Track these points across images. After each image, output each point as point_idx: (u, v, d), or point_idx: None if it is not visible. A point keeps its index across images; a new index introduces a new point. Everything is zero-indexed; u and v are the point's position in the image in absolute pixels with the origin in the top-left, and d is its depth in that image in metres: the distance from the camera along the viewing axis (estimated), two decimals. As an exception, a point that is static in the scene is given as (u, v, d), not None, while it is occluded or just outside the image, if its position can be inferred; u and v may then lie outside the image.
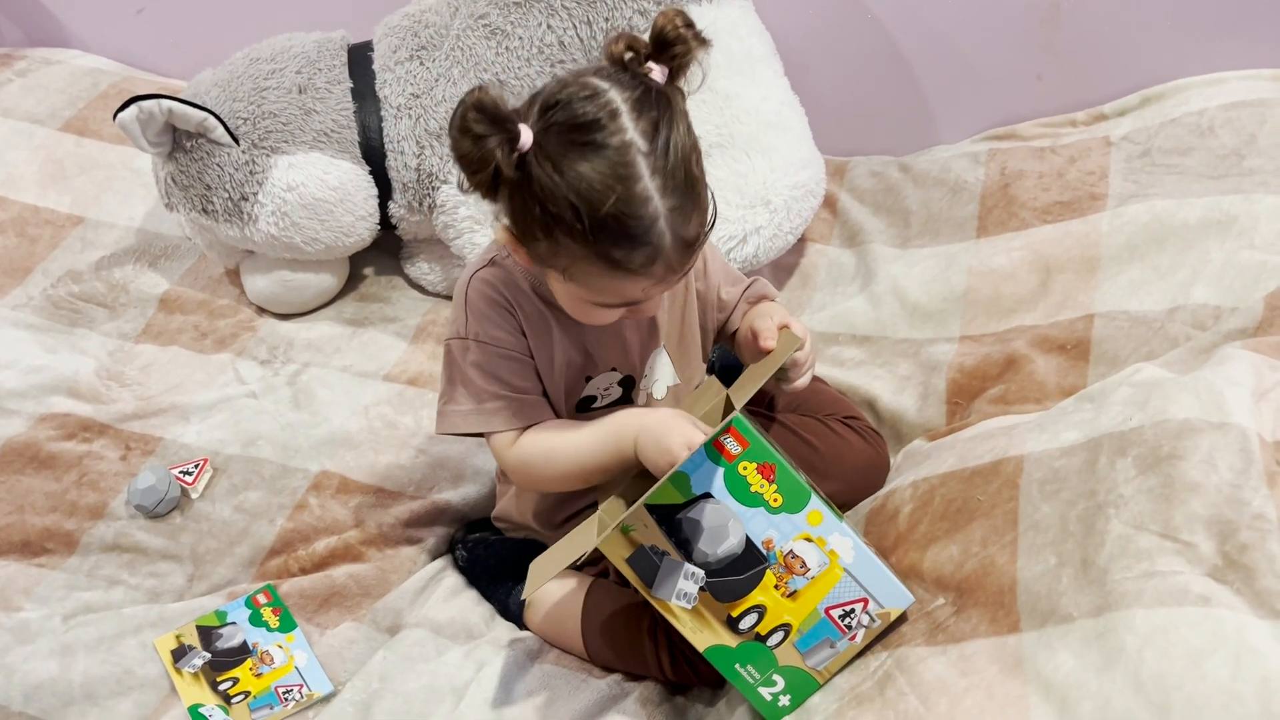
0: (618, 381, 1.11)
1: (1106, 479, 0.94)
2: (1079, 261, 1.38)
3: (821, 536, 0.94)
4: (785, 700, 0.98)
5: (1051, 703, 0.84)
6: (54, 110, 1.83)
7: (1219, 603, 0.83)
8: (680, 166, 0.89)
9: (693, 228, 0.92)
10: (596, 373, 1.09)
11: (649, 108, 0.88)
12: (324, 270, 1.56)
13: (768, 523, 0.93)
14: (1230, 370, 1.01)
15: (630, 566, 0.94)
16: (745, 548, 0.94)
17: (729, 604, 0.95)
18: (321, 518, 1.27)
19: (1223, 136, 1.44)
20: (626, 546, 0.93)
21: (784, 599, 0.96)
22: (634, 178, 0.87)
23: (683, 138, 0.90)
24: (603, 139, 0.87)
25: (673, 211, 0.89)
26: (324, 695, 1.11)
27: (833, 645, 0.97)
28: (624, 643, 1.10)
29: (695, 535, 0.93)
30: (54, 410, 1.38)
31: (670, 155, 0.88)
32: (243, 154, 1.46)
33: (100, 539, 1.25)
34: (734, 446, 0.91)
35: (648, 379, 1.12)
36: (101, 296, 1.58)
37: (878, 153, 1.71)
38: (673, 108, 0.90)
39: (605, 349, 1.08)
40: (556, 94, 0.89)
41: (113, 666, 1.12)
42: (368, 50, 1.54)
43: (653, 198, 0.88)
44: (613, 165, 0.87)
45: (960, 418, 1.29)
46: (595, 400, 1.11)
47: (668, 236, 0.90)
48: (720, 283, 1.15)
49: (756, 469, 0.92)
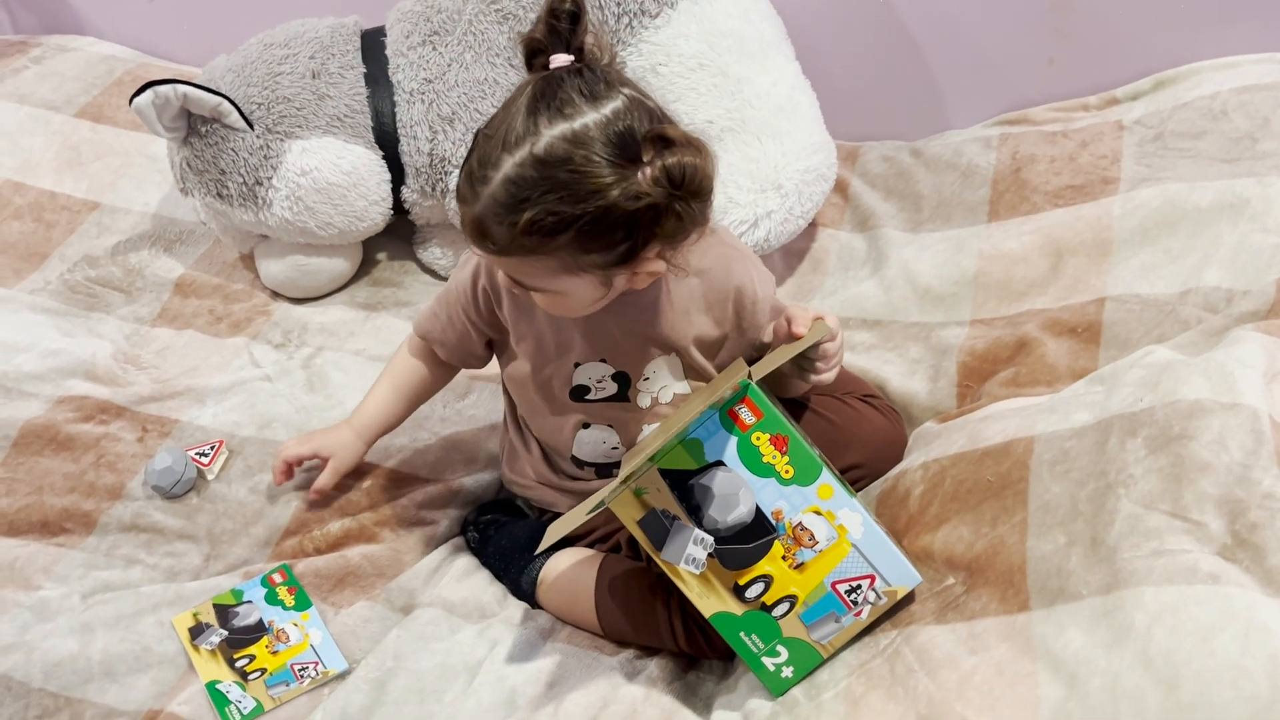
0: (610, 376, 1.11)
1: (1117, 459, 0.94)
2: (1090, 245, 1.38)
3: (831, 511, 0.95)
4: (788, 672, 0.99)
5: (1061, 679, 0.85)
6: (70, 97, 1.84)
7: (1228, 581, 0.83)
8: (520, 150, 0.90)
9: (491, 216, 0.91)
10: (584, 360, 1.10)
11: (542, 99, 0.91)
12: (337, 255, 1.57)
13: (778, 494, 0.94)
14: (1242, 352, 1.01)
15: (641, 528, 0.94)
16: (755, 517, 0.95)
17: (736, 572, 0.96)
18: (336, 499, 1.28)
19: (1236, 120, 1.44)
20: (638, 508, 0.94)
21: (791, 570, 0.96)
22: (495, 138, 0.91)
23: (553, 135, 0.89)
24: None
25: (491, 193, 0.90)
26: (339, 673, 1.12)
27: (838, 620, 0.98)
28: (638, 613, 1.11)
29: (706, 501, 0.94)
30: (72, 393, 1.39)
31: (521, 140, 0.90)
32: (257, 139, 1.46)
33: (118, 519, 1.26)
34: (748, 416, 0.92)
35: (649, 382, 1.12)
36: (117, 281, 1.59)
37: (889, 137, 1.71)
38: (558, 97, 0.90)
39: (587, 337, 1.08)
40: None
41: (131, 644, 1.13)
42: (381, 35, 1.54)
43: (486, 170, 0.91)
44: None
45: (971, 400, 1.29)
46: (589, 391, 1.12)
47: (476, 207, 0.92)
48: (764, 324, 1.12)
49: (769, 440, 0.93)
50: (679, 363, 1.11)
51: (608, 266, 0.95)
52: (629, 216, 0.90)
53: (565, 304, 1.00)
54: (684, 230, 0.93)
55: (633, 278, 0.98)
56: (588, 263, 0.94)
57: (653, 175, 0.89)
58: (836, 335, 1.04)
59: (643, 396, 1.12)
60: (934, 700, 0.90)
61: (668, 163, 0.88)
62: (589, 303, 1.00)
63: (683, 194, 0.90)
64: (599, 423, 1.14)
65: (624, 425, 1.14)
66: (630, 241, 0.93)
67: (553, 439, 1.18)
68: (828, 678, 0.98)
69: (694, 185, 0.90)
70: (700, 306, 1.09)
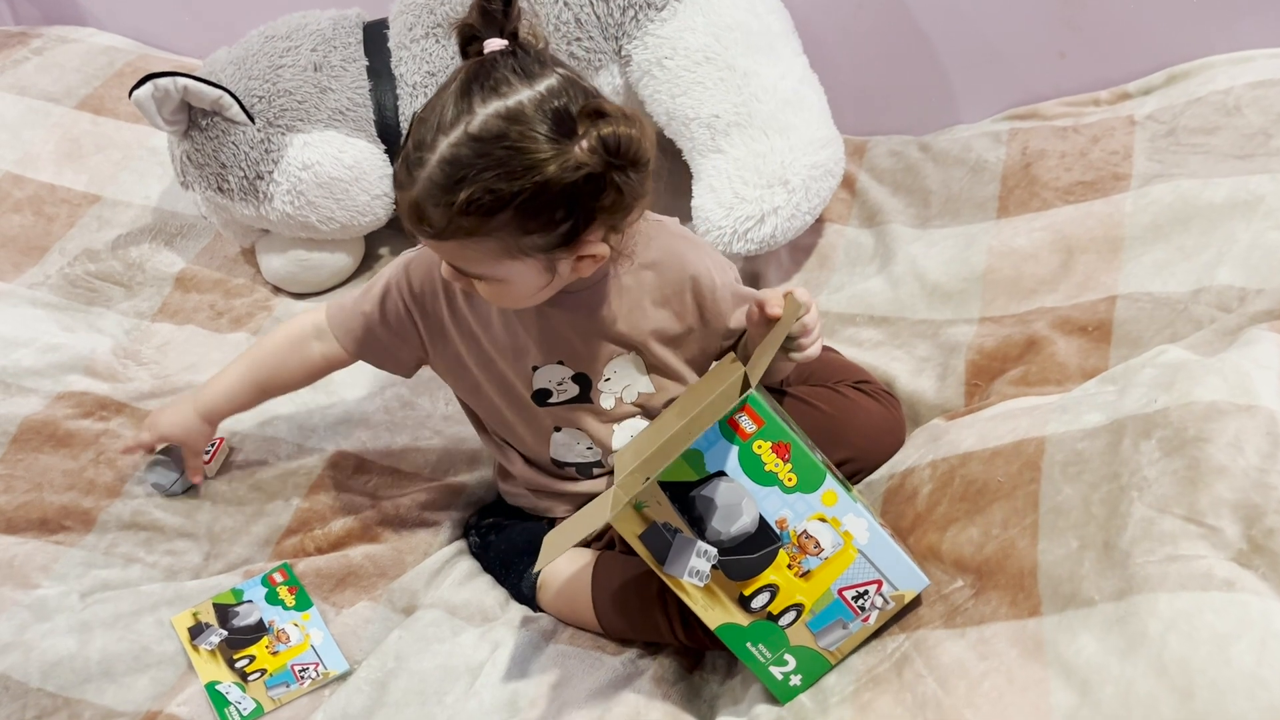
0: (570, 378, 1.10)
1: (1130, 461, 0.93)
2: (1101, 242, 1.36)
3: (836, 517, 0.93)
4: (796, 680, 0.98)
5: (1073, 686, 0.84)
6: (70, 89, 1.82)
7: (1244, 588, 0.82)
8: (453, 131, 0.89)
9: (428, 198, 0.90)
10: (541, 363, 1.09)
11: (474, 82, 0.90)
12: (339, 249, 1.56)
13: (781, 502, 0.93)
14: (1257, 352, 1.00)
15: (643, 543, 0.93)
16: (759, 527, 0.93)
17: (741, 582, 0.95)
18: (338, 498, 1.27)
19: (1249, 115, 1.42)
20: (639, 523, 0.92)
21: (797, 579, 0.95)
22: (429, 121, 0.90)
23: (488, 112, 0.88)
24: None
25: (428, 175, 0.90)
26: (340, 674, 1.11)
27: (845, 626, 0.97)
28: (636, 610, 1.09)
29: (709, 513, 0.92)
30: (71, 389, 1.38)
31: (454, 122, 0.89)
32: (258, 132, 1.45)
33: (117, 517, 1.25)
34: (749, 425, 0.90)
35: (611, 383, 1.10)
36: (118, 275, 1.58)
37: (897, 132, 1.69)
38: (493, 77, 0.90)
39: (541, 339, 1.07)
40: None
41: (130, 644, 1.12)
42: (383, 28, 1.53)
43: (421, 150, 0.90)
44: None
45: (980, 399, 1.28)
46: (550, 395, 1.11)
47: (413, 190, 0.90)
48: (729, 310, 1.11)
49: (771, 448, 0.91)
50: (640, 360, 1.10)
51: (550, 249, 0.94)
52: (568, 192, 0.90)
53: (509, 293, 0.98)
54: (625, 205, 0.93)
55: (577, 264, 0.97)
56: (529, 245, 0.93)
57: (589, 146, 0.89)
58: (811, 306, 1.03)
59: (605, 398, 1.11)
60: (943, 707, 0.88)
61: (603, 132, 0.89)
62: (533, 291, 0.99)
63: (620, 163, 0.90)
64: (568, 426, 1.13)
65: (592, 427, 1.13)
66: (571, 220, 0.92)
67: (528, 445, 1.16)
68: (835, 683, 0.97)
69: (630, 154, 0.90)
70: (655, 300, 1.07)
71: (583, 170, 0.89)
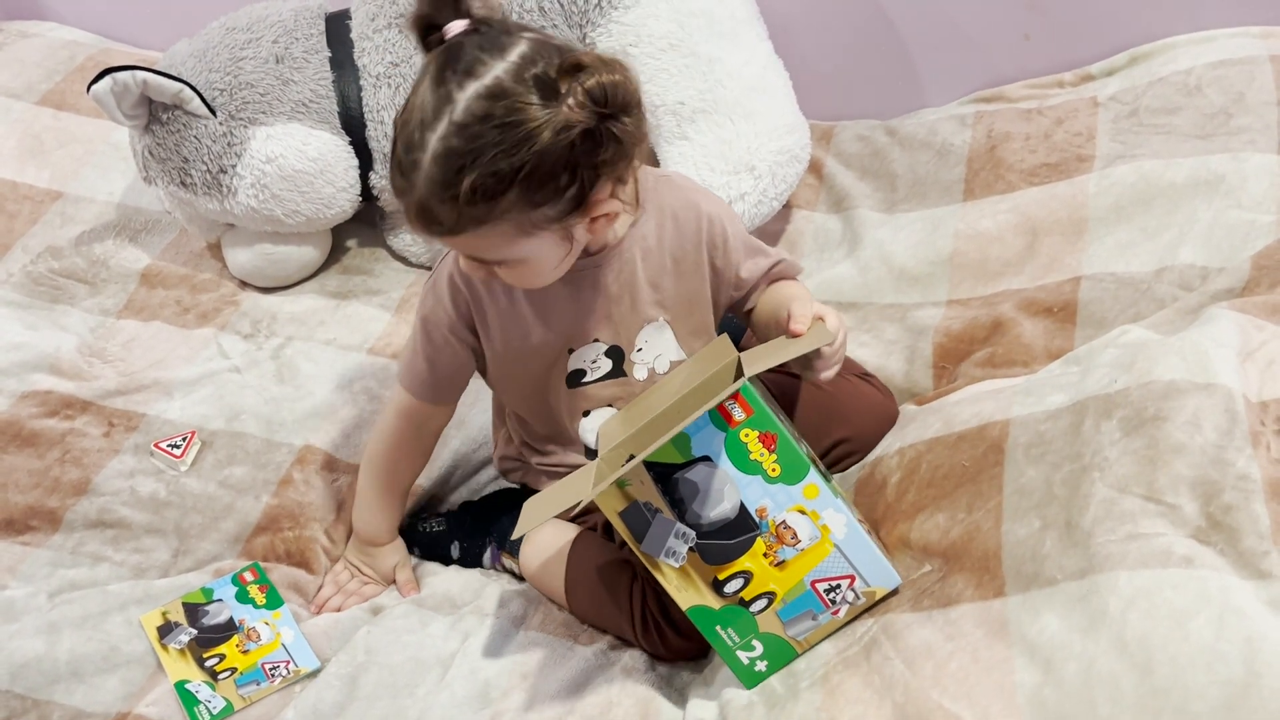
0: (604, 353, 1.10)
1: (1092, 442, 0.94)
2: (1066, 224, 1.37)
3: (816, 510, 0.94)
4: (762, 666, 0.99)
5: (1036, 665, 0.84)
6: (31, 84, 1.80)
7: (1202, 564, 0.83)
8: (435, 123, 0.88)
9: (433, 198, 0.89)
10: (577, 345, 1.08)
11: (446, 66, 0.90)
12: (306, 243, 1.55)
13: (763, 491, 0.93)
14: (1216, 330, 1.01)
15: (622, 519, 0.93)
16: (738, 514, 0.94)
17: (716, 567, 0.95)
18: (306, 494, 1.27)
19: (1210, 95, 1.43)
20: (621, 500, 0.93)
21: (771, 567, 0.95)
22: (412, 122, 0.90)
23: (468, 97, 0.87)
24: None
25: (425, 175, 0.89)
26: (311, 670, 1.11)
27: (815, 618, 0.98)
28: (603, 601, 1.09)
29: (690, 496, 0.93)
30: (36, 388, 1.37)
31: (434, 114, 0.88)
32: (220, 125, 1.44)
33: (84, 515, 1.24)
34: (738, 413, 0.91)
35: (643, 353, 1.10)
36: (82, 272, 1.57)
37: (864, 116, 1.69)
38: (464, 60, 0.89)
39: (574, 319, 1.07)
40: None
41: (99, 644, 1.11)
42: (345, 19, 1.51)
43: (410, 150, 0.89)
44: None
45: (947, 381, 1.28)
46: (584, 374, 1.10)
47: (414, 194, 0.90)
48: (740, 260, 1.11)
49: (758, 437, 0.91)
50: (668, 328, 1.10)
51: (562, 217, 0.93)
52: (567, 155, 0.89)
53: (532, 271, 0.98)
54: (625, 154, 0.92)
55: (592, 225, 0.96)
56: (540, 218, 0.92)
57: (577, 102, 0.88)
58: (837, 338, 1.02)
59: (638, 369, 1.11)
60: (910, 688, 0.89)
61: (587, 85, 0.88)
62: (555, 263, 0.98)
63: (611, 111, 0.89)
64: (598, 406, 1.13)
65: (623, 402, 1.13)
66: (577, 183, 0.91)
67: (558, 431, 1.16)
68: (805, 667, 0.98)
69: (620, 100, 0.89)
70: (677, 256, 1.07)
71: (576, 129, 0.88)
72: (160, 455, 1.30)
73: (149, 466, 1.30)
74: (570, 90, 0.88)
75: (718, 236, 1.08)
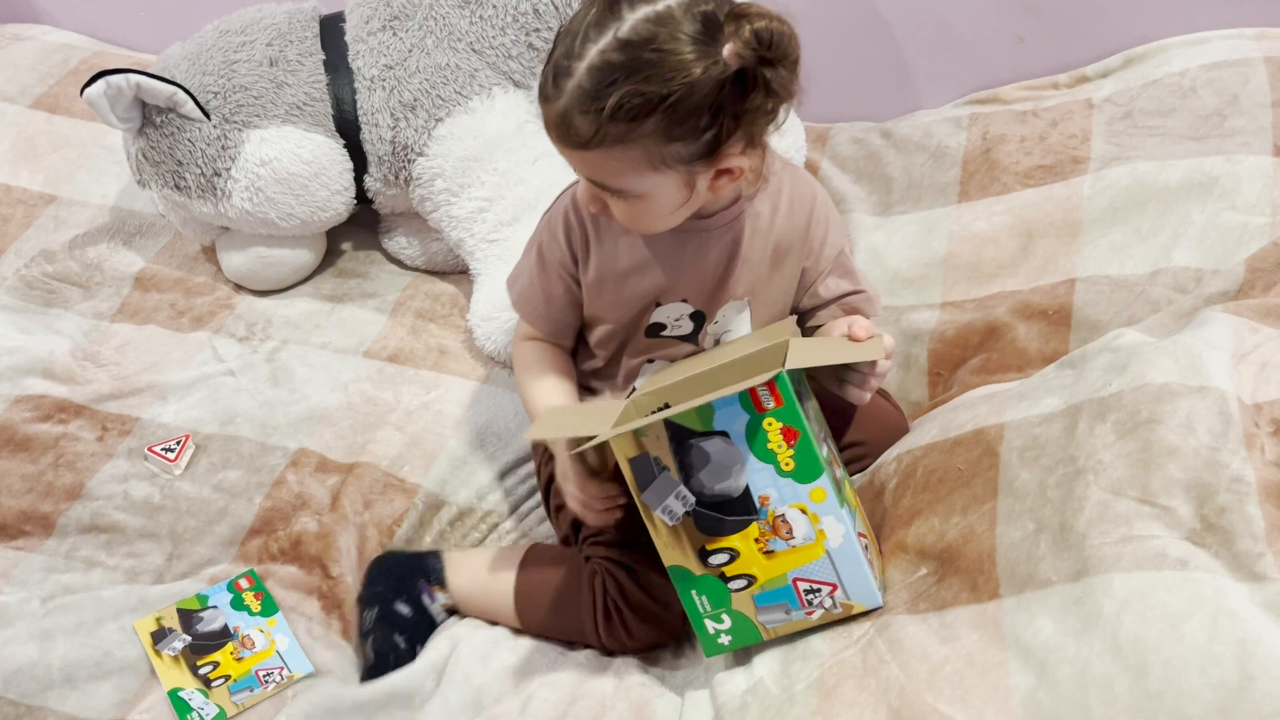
0: (689, 315, 1.11)
1: (1086, 445, 0.94)
2: (1060, 226, 1.37)
3: (817, 514, 0.94)
4: (726, 640, 1.00)
5: (1031, 668, 0.84)
6: (24, 87, 1.80)
7: (1197, 566, 0.83)
8: (590, 45, 0.90)
9: (576, 107, 0.91)
10: (666, 300, 1.10)
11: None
12: (301, 246, 1.54)
13: (771, 481, 0.94)
14: (1210, 333, 1.01)
15: (631, 466, 0.94)
16: (741, 495, 0.94)
17: (707, 537, 0.96)
18: (300, 495, 1.26)
19: (1204, 97, 1.43)
20: (634, 448, 0.94)
21: (760, 554, 0.96)
22: (577, 32, 0.91)
23: (636, 17, 0.89)
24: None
25: (576, 83, 0.90)
26: (304, 675, 1.11)
27: (787, 612, 0.98)
28: (559, 598, 1.10)
29: (700, 464, 0.93)
30: (29, 392, 1.36)
31: (593, 32, 0.90)
32: (214, 129, 1.43)
33: (77, 520, 1.24)
34: (767, 400, 0.91)
35: (719, 325, 1.11)
36: (76, 276, 1.56)
37: (859, 118, 1.69)
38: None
39: (671, 276, 1.08)
40: None
41: (92, 650, 1.11)
42: (340, 21, 1.51)
43: (570, 57, 0.91)
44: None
45: (943, 388, 1.28)
46: (664, 328, 1.12)
47: (560, 101, 0.91)
48: (828, 272, 1.11)
49: (781, 429, 0.92)
50: (748, 310, 1.11)
51: (692, 160, 0.94)
52: (715, 94, 0.90)
53: (647, 211, 0.99)
54: (768, 108, 0.94)
55: (714, 182, 0.98)
56: (672, 155, 0.93)
57: (741, 42, 0.89)
58: (889, 355, 1.03)
59: (709, 339, 1.13)
60: (905, 691, 0.89)
61: (756, 26, 0.89)
62: (671, 209, 0.99)
63: (771, 56, 0.90)
64: (662, 358, 1.14)
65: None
66: (715, 128, 0.92)
67: (617, 372, 1.17)
68: (799, 669, 0.98)
69: (781, 49, 0.90)
70: (776, 246, 1.09)
71: (732, 68, 0.89)
72: (154, 459, 1.30)
73: (143, 470, 1.29)
74: (737, 31, 0.89)
75: (817, 239, 1.10)
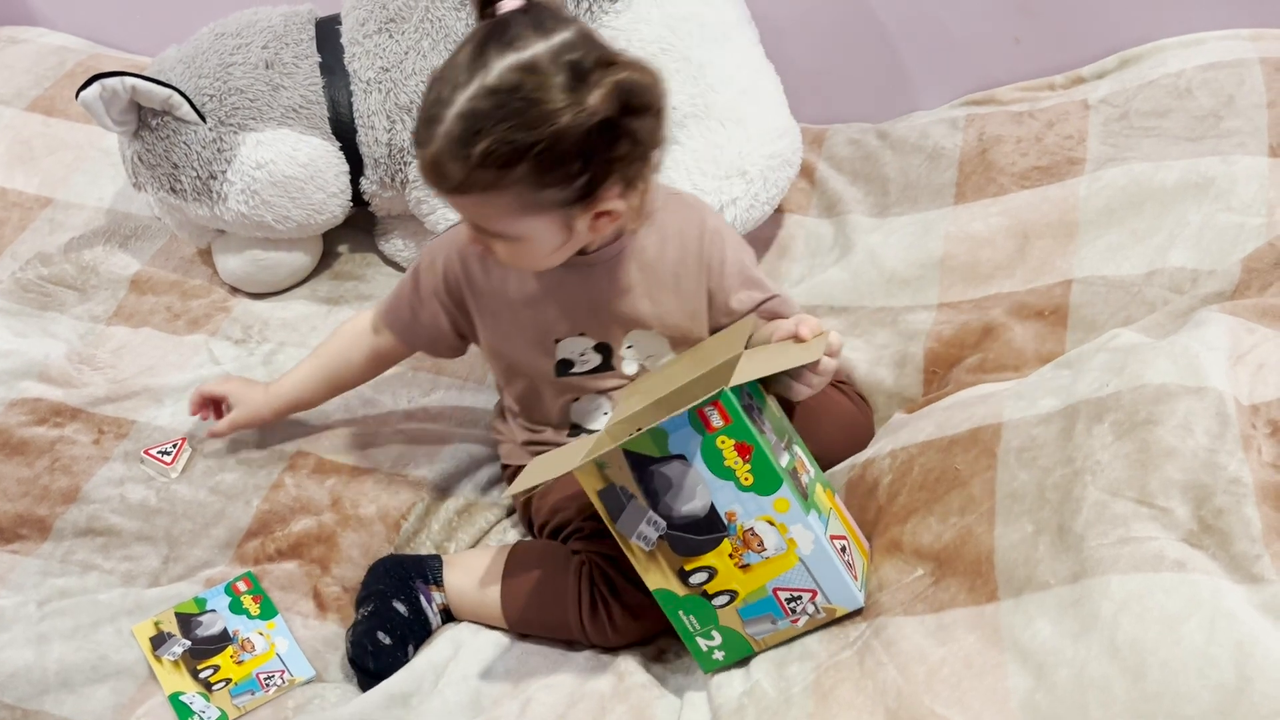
0: (592, 348, 1.11)
1: (1083, 446, 0.94)
2: (1057, 227, 1.37)
3: (784, 524, 0.95)
4: (720, 655, 1.01)
5: (1028, 670, 0.84)
6: (20, 90, 1.79)
7: (1194, 568, 0.83)
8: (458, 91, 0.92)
9: (447, 153, 0.92)
10: (561, 335, 1.10)
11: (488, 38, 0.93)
12: (297, 248, 1.54)
13: (734, 497, 0.94)
14: (1207, 334, 1.01)
15: (600, 499, 0.96)
16: (708, 514, 0.95)
17: (684, 558, 0.97)
18: (298, 498, 1.26)
19: (1200, 98, 1.43)
20: (600, 480, 0.95)
21: (736, 569, 0.97)
22: (446, 79, 0.93)
23: (504, 65, 0.90)
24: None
25: (445, 130, 0.92)
26: (305, 679, 1.11)
27: (774, 622, 0.99)
28: (545, 594, 1.10)
29: (663, 489, 0.95)
30: (25, 395, 1.36)
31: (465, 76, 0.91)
32: (210, 131, 1.43)
33: (74, 523, 1.23)
34: (716, 420, 0.92)
35: (634, 350, 1.11)
36: (71, 279, 1.56)
37: (855, 119, 1.69)
38: (508, 34, 0.92)
39: (563, 312, 1.09)
40: None
41: (88, 653, 1.11)
42: (336, 24, 1.51)
43: (439, 104, 0.92)
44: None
45: (938, 387, 1.28)
46: (573, 365, 1.12)
47: (431, 147, 0.93)
48: (734, 288, 1.11)
49: (734, 445, 0.92)
50: (663, 338, 1.12)
51: (567, 204, 0.95)
52: (583, 143, 0.91)
53: (527, 252, 1.00)
54: (639, 155, 0.95)
55: (594, 223, 0.98)
56: (545, 200, 0.94)
57: (603, 94, 0.90)
58: (834, 352, 1.04)
59: (628, 364, 1.13)
60: (902, 693, 0.89)
61: (617, 78, 0.91)
62: (550, 250, 1.00)
63: (633, 107, 0.92)
64: (588, 394, 1.15)
65: (616, 393, 1.14)
66: (587, 174, 0.93)
67: (550, 415, 1.17)
68: (796, 671, 0.97)
69: (643, 100, 0.92)
70: (676, 275, 1.09)
71: (596, 117, 0.90)
72: (150, 462, 1.30)
73: (139, 474, 1.29)
74: (600, 81, 0.90)
75: (715, 260, 1.10)
